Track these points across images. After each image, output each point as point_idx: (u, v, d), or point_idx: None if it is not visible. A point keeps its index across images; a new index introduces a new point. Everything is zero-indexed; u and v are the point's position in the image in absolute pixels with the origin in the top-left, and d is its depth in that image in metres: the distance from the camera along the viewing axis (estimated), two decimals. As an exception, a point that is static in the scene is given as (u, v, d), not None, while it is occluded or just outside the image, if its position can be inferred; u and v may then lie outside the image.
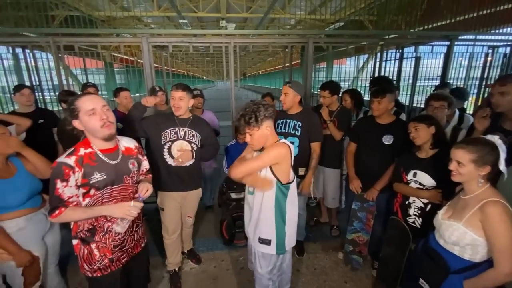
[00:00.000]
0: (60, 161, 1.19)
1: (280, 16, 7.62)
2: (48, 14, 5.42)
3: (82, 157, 1.23)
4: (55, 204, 1.20)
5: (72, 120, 1.24)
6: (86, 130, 1.26)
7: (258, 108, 1.40)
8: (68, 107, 1.24)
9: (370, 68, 4.29)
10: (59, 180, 1.18)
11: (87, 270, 1.33)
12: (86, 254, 1.31)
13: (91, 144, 1.28)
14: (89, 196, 1.26)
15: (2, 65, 3.40)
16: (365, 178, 2.18)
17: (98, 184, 1.26)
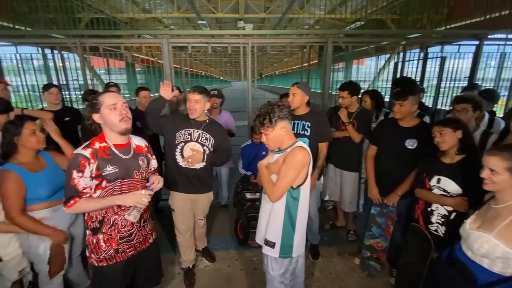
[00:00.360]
0: (77, 153, 1.26)
1: (298, 16, 7.54)
2: (75, 17, 5.68)
3: (97, 150, 1.29)
4: (71, 194, 1.26)
5: (92, 114, 1.31)
6: (105, 124, 1.32)
7: (273, 109, 1.40)
8: (91, 101, 1.31)
9: (391, 69, 4.15)
10: (75, 171, 1.24)
11: (94, 259, 1.39)
12: (94, 244, 1.38)
13: (106, 138, 1.35)
14: (101, 188, 1.32)
15: (32, 65, 3.60)
16: (385, 183, 2.10)
17: (109, 177, 1.31)
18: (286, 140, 1.47)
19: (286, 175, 1.40)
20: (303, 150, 1.41)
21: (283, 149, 1.48)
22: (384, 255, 2.20)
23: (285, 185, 1.42)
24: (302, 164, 1.40)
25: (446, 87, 3.90)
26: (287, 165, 1.40)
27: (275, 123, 1.40)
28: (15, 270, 1.69)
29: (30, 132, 1.55)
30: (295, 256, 1.58)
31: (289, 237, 1.51)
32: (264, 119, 1.40)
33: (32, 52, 3.68)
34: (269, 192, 1.45)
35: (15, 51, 3.53)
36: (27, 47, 3.76)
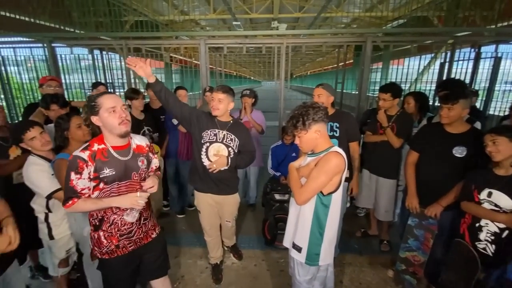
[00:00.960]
0: (75, 155, 1.28)
1: (334, 15, 7.32)
2: (122, 20, 6.12)
3: (95, 152, 1.30)
4: (69, 195, 1.28)
5: (90, 116, 1.31)
6: (104, 127, 1.33)
7: (307, 111, 1.35)
8: (89, 103, 1.32)
9: (435, 70, 3.85)
10: (73, 172, 1.26)
11: (97, 252, 1.45)
12: (96, 239, 1.42)
13: (104, 140, 1.35)
14: (98, 189, 1.34)
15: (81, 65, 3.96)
16: (427, 193, 1.94)
17: (107, 179, 1.32)
18: (321, 143, 1.42)
19: (316, 179, 1.34)
20: (339, 156, 1.35)
21: (317, 152, 1.43)
22: (421, 269, 2.05)
23: (313, 189, 1.36)
24: (336, 170, 1.34)
25: (499, 91, 3.53)
26: (319, 169, 1.35)
27: (309, 125, 1.35)
28: (63, 249, 1.87)
29: (77, 126, 1.70)
30: (324, 265, 1.52)
31: (316, 245, 1.46)
32: (298, 121, 1.36)
33: (83, 53, 4.05)
34: (296, 194, 1.41)
35: (70, 52, 3.90)
36: (79, 48, 4.14)
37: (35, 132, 1.66)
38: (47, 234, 1.79)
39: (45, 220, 1.77)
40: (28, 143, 1.66)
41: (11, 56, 3.98)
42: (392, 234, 2.75)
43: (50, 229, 1.78)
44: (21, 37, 3.97)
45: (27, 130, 1.64)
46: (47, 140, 1.70)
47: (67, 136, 1.71)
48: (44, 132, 1.71)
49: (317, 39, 3.44)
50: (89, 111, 1.31)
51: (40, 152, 1.70)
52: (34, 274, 2.31)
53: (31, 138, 1.65)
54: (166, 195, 3.38)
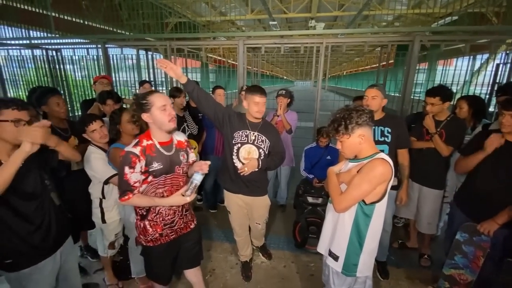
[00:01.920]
0: (128, 150, 1.37)
1: (376, 13, 6.96)
2: (163, 22, 6.48)
3: (145, 148, 1.40)
4: (124, 188, 1.38)
5: (141, 113, 1.39)
6: (154, 123, 1.41)
7: (350, 115, 1.28)
8: (139, 101, 1.39)
9: (489, 71, 3.47)
10: (127, 167, 1.35)
11: (142, 240, 1.56)
12: (142, 227, 1.54)
13: (152, 136, 1.45)
14: (147, 182, 1.44)
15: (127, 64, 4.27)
16: (482, 207, 1.75)
17: (155, 173, 1.43)
18: (365, 148, 1.34)
19: (358, 187, 1.27)
20: (385, 164, 1.26)
21: (361, 158, 1.36)
22: (468, 290, 1.88)
23: (354, 197, 1.29)
24: (381, 179, 1.25)
25: None
26: (362, 176, 1.27)
27: (352, 130, 1.28)
28: (113, 232, 2.05)
29: (127, 120, 1.84)
30: (362, 276, 1.45)
31: (354, 255, 1.39)
32: (339, 125, 1.29)
33: (131, 53, 4.37)
34: (335, 201, 1.35)
35: (120, 52, 4.23)
36: (127, 48, 4.48)
37: (96, 125, 1.84)
38: (100, 218, 1.97)
39: (99, 205, 1.96)
40: (89, 134, 1.85)
41: (68, 56, 4.44)
42: (433, 249, 2.56)
43: (103, 213, 1.97)
44: (78, 39, 4.41)
45: (90, 123, 1.83)
46: (105, 134, 1.88)
47: (119, 129, 1.87)
48: (103, 126, 1.89)
49: (359, 38, 3.30)
50: (139, 108, 1.40)
51: (98, 143, 1.89)
52: (84, 253, 2.56)
53: (92, 130, 1.84)
54: (200, 189, 3.51)
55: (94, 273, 2.37)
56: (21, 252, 1.31)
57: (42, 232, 1.37)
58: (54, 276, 1.47)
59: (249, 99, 1.92)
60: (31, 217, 1.32)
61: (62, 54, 4.45)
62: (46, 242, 1.39)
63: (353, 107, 1.33)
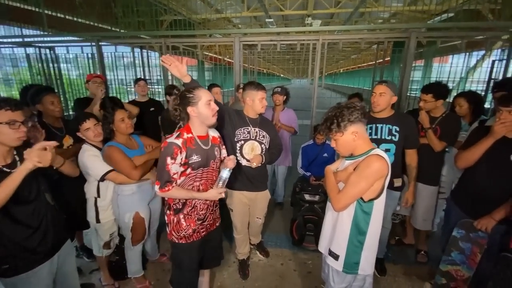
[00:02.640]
0: (171, 141, 1.39)
1: (372, 10, 6.94)
2: (159, 19, 6.41)
3: (186, 140, 1.43)
4: (166, 179, 1.40)
5: (187, 107, 1.42)
6: (197, 117, 1.45)
7: (341, 112, 1.28)
8: (185, 95, 1.43)
9: (487, 68, 3.48)
10: (169, 157, 1.38)
11: (174, 236, 1.57)
12: (175, 222, 1.54)
13: (191, 130, 1.48)
14: (185, 175, 1.47)
15: (122, 62, 4.21)
16: (480, 204, 1.75)
17: (194, 165, 1.47)
18: (360, 145, 1.33)
19: (355, 184, 1.26)
20: (380, 160, 1.24)
21: (357, 155, 1.35)
22: (465, 286, 1.88)
23: (352, 195, 1.28)
24: (377, 175, 1.24)
25: None
26: (358, 173, 1.26)
27: (345, 127, 1.28)
28: (108, 232, 2.03)
29: (120, 119, 1.83)
30: (361, 274, 1.44)
31: (355, 253, 1.38)
32: (332, 123, 1.29)
33: (126, 51, 4.32)
34: (333, 200, 1.35)
35: (114, 50, 4.18)
36: (122, 46, 4.42)
37: (90, 124, 1.82)
38: (95, 218, 1.94)
39: (94, 204, 1.93)
40: (83, 133, 1.83)
41: (62, 54, 4.37)
42: (429, 245, 2.57)
43: (97, 213, 1.94)
44: (72, 37, 4.34)
45: (84, 121, 1.81)
46: (99, 132, 1.85)
47: (112, 128, 1.84)
48: (97, 124, 1.86)
49: (355, 35, 3.28)
50: (185, 102, 1.42)
51: (92, 142, 1.86)
52: (79, 253, 2.53)
53: (86, 128, 1.81)
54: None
55: (90, 273, 2.35)
56: (18, 257, 1.28)
57: (40, 236, 1.33)
58: (51, 279, 1.44)
59: (253, 96, 1.94)
60: (28, 221, 1.29)
61: (56, 52, 4.38)
62: (43, 246, 1.36)
63: (344, 104, 1.33)
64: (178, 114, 1.47)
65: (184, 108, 1.44)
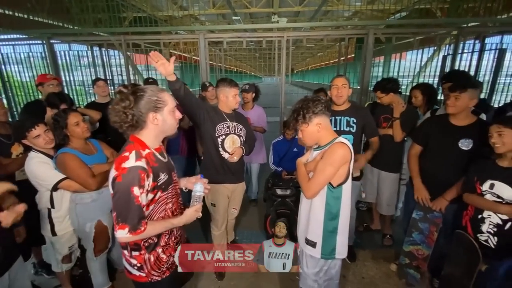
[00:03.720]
0: (134, 166, 1.04)
1: (335, 8, 7.22)
2: (120, 16, 6.06)
3: (147, 159, 1.11)
4: (138, 216, 1.06)
5: (149, 112, 1.09)
6: (160, 126, 1.14)
7: (307, 105, 1.36)
8: (147, 96, 1.08)
9: (437, 63, 3.80)
10: (137, 187, 1.04)
11: (155, 276, 1.23)
12: (153, 260, 1.21)
13: (146, 144, 1.15)
14: (154, 202, 1.16)
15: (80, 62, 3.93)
16: (432, 187, 1.91)
17: (164, 185, 1.18)
18: (324, 136, 1.40)
19: (322, 171, 1.34)
20: (343, 146, 1.33)
21: (322, 145, 1.42)
22: (425, 263, 2.04)
23: (321, 181, 1.36)
24: (341, 160, 1.33)
25: (502, 84, 3.48)
26: (324, 161, 1.34)
27: (309, 119, 1.36)
28: (66, 245, 1.87)
29: (74, 123, 1.69)
30: (339, 258, 1.51)
31: (331, 239, 1.44)
32: (298, 115, 1.37)
33: (82, 49, 4.02)
34: (304, 188, 1.42)
35: (68, 48, 3.87)
36: (78, 45, 4.11)
37: (40, 130, 1.66)
38: (50, 230, 1.79)
39: (48, 216, 1.77)
40: (32, 140, 1.66)
41: (10, 54, 3.95)
42: (394, 229, 2.74)
43: (53, 225, 1.78)
44: (19, 35, 3.94)
45: (32, 128, 1.64)
46: (51, 138, 1.70)
47: (66, 133, 1.70)
48: (48, 130, 1.71)
49: (319, 32, 3.39)
50: (146, 106, 1.08)
51: (43, 149, 1.70)
52: (38, 270, 2.32)
53: (35, 136, 1.65)
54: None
55: (52, 290, 2.16)
56: None
57: None
58: None
59: (226, 92, 1.99)
60: None
61: (1, 52, 3.95)
62: None
63: (311, 97, 1.40)
64: (131, 120, 1.07)
65: (144, 113, 1.08)
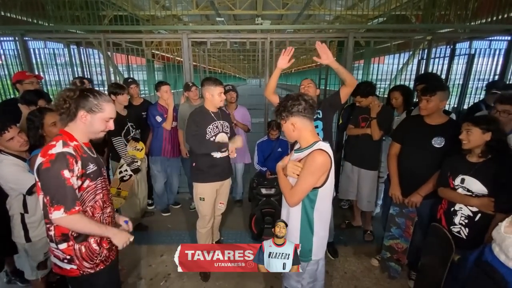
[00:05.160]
0: (61, 152, 1.10)
1: (317, 13, 7.41)
2: (99, 14, 5.86)
3: (75, 148, 1.17)
4: (72, 197, 1.10)
5: (80, 109, 1.15)
6: (85, 126, 1.19)
7: (285, 103, 1.36)
8: (88, 96, 1.16)
9: (413, 67, 3.99)
10: (66, 170, 1.09)
11: (88, 268, 1.24)
12: (85, 251, 1.23)
13: (75, 137, 1.20)
14: (82, 189, 1.19)
15: (57, 61, 3.76)
16: (409, 183, 2.01)
17: (93, 175, 1.22)
18: (304, 137, 1.40)
19: (303, 180, 1.33)
20: (323, 154, 1.32)
21: (303, 148, 1.41)
22: (404, 256, 2.13)
23: (302, 190, 1.35)
24: (321, 169, 1.32)
25: (472, 87, 3.71)
26: (305, 170, 1.33)
27: (286, 117, 1.36)
28: (41, 251, 1.78)
29: (51, 124, 1.63)
30: (315, 259, 1.51)
31: (307, 240, 1.45)
32: (278, 109, 1.40)
33: (59, 47, 3.85)
34: (287, 196, 1.41)
35: (44, 45, 3.69)
36: (54, 43, 3.93)
37: (13, 133, 1.58)
38: (23, 237, 1.69)
39: (21, 222, 1.68)
40: (6, 144, 1.58)
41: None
42: (375, 225, 2.84)
43: (26, 230, 1.69)
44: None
45: (5, 131, 1.56)
46: (26, 140, 1.62)
47: (42, 134, 1.62)
48: (21, 132, 1.63)
49: (301, 34, 3.46)
50: (82, 103, 1.15)
51: (15, 152, 1.62)
52: (11, 279, 2.19)
53: (9, 139, 1.57)
54: (150, 193, 3.30)
55: (26, 299, 2.05)
56: None
57: None
58: None
59: (212, 91, 2.05)
60: None
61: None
62: None
63: (294, 96, 1.38)
64: (66, 108, 1.15)
65: (76, 107, 1.15)
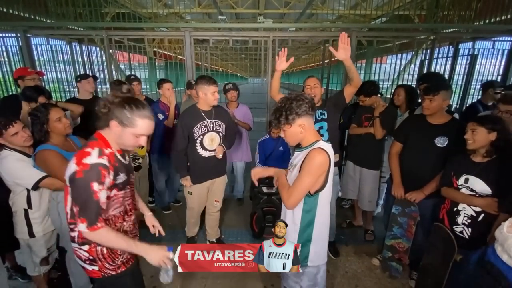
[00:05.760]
0: (95, 163, 1.06)
1: (319, 12, 7.39)
2: (102, 11, 5.86)
3: (109, 157, 1.14)
4: (95, 212, 1.06)
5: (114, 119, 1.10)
6: (116, 137, 1.15)
7: (290, 105, 1.27)
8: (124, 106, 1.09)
9: (415, 67, 3.98)
10: (96, 183, 1.05)
11: (110, 269, 1.22)
12: (107, 253, 1.21)
13: (109, 143, 1.17)
14: (109, 199, 1.16)
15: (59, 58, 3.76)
16: (411, 183, 2.01)
17: (121, 185, 1.20)
18: (307, 137, 1.35)
19: (301, 180, 1.28)
20: (322, 153, 1.27)
21: (304, 147, 1.37)
22: (406, 256, 2.13)
23: (299, 191, 1.29)
24: (320, 169, 1.27)
25: (475, 88, 3.70)
26: (303, 170, 1.29)
27: (293, 120, 1.27)
28: (44, 247, 1.79)
29: (56, 119, 1.62)
30: (312, 265, 1.45)
31: (304, 247, 1.39)
32: (281, 115, 1.28)
33: (61, 44, 3.85)
34: (284, 198, 1.36)
35: (46, 42, 3.69)
36: (56, 40, 3.92)
37: (17, 128, 1.58)
38: (27, 232, 1.69)
39: (25, 217, 1.68)
40: (9, 139, 1.57)
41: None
42: (376, 224, 2.84)
43: (30, 226, 1.69)
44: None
45: (9, 125, 1.55)
46: (29, 135, 1.62)
47: (47, 129, 1.62)
48: (25, 127, 1.63)
49: (304, 33, 3.45)
50: (116, 114, 1.09)
51: (19, 147, 1.62)
52: (12, 274, 2.19)
53: (13, 133, 1.56)
54: (151, 191, 3.30)
55: (28, 295, 2.06)
56: None
57: None
58: None
59: (205, 90, 2.05)
60: None
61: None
62: None
63: (294, 96, 1.31)
64: (103, 113, 1.12)
65: (111, 116, 1.11)
